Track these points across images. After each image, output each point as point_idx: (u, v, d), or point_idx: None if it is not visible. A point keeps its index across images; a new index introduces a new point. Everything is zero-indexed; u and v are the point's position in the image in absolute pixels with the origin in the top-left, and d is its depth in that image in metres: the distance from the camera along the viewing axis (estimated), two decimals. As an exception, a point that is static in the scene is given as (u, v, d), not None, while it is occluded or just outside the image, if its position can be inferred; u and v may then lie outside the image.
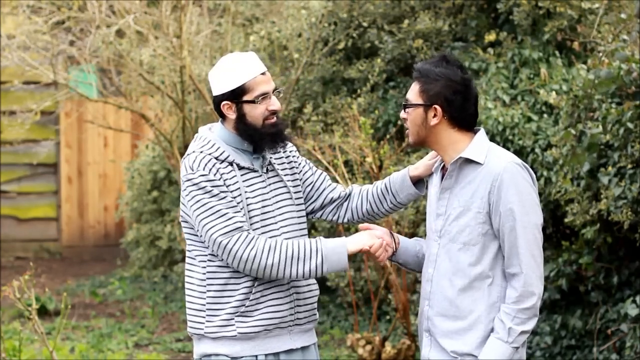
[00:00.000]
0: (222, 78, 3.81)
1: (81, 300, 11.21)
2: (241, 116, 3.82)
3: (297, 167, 4.02)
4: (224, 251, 3.71)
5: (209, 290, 3.81)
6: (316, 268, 3.72)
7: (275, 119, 3.84)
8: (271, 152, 3.92)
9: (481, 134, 3.71)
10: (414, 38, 8.41)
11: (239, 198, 3.77)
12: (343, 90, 8.81)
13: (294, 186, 3.98)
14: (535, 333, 6.96)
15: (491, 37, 7.96)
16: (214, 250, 3.75)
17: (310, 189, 4.05)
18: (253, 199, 3.81)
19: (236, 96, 3.81)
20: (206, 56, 9.53)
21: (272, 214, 3.85)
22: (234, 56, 3.86)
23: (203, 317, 3.82)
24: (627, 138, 5.93)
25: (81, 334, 9.36)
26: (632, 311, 6.04)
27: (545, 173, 6.71)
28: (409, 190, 3.97)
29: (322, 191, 4.06)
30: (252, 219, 3.79)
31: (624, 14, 6.93)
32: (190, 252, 3.89)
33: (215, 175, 3.75)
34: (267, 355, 3.82)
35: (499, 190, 3.58)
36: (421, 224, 7.36)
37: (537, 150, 6.98)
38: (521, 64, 7.80)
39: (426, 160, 3.94)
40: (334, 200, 4.07)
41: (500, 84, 7.62)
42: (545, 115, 7.39)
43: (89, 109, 11.71)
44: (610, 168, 6.05)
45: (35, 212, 14.67)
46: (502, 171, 3.59)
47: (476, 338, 3.63)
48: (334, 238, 3.79)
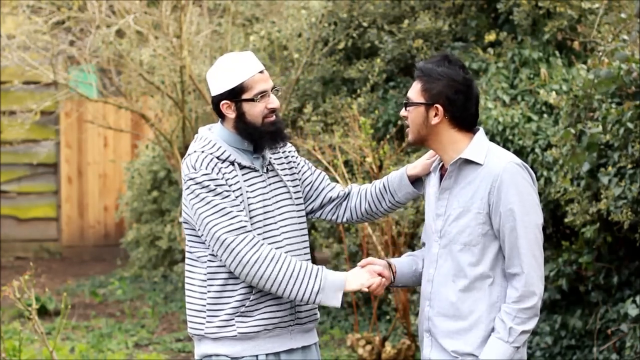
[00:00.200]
0: (221, 78, 3.81)
1: (81, 300, 11.21)
2: (241, 115, 3.82)
3: (296, 167, 4.02)
4: (226, 250, 3.70)
5: (210, 290, 3.80)
6: (310, 295, 3.71)
7: (274, 117, 3.85)
8: (271, 151, 3.92)
9: (480, 134, 3.71)
10: (414, 38, 8.41)
11: (241, 197, 3.77)
12: (343, 90, 8.81)
13: (294, 186, 3.98)
14: (535, 333, 6.95)
15: (491, 37, 7.96)
16: (215, 249, 3.74)
17: (309, 189, 4.05)
18: (254, 199, 3.81)
19: (235, 95, 3.81)
20: (206, 56, 9.52)
21: (273, 214, 3.85)
22: (232, 56, 3.86)
23: (203, 318, 3.82)
24: (627, 138, 5.93)
25: (81, 334, 9.36)
26: (632, 311, 6.04)
27: (545, 173, 6.71)
28: (407, 189, 3.97)
29: (321, 191, 4.06)
30: (253, 219, 3.79)
31: (624, 14, 6.93)
32: (191, 253, 3.88)
33: (217, 174, 3.75)
34: (268, 355, 3.82)
35: (499, 190, 3.58)
36: (421, 224, 7.35)
37: (537, 150, 6.98)
38: (521, 64, 7.79)
39: (424, 159, 3.94)
40: (333, 199, 4.07)
41: (500, 84, 7.61)
42: (545, 115, 7.39)
43: (89, 109, 11.71)
44: (610, 168, 6.05)
45: (35, 212, 14.67)
46: (502, 171, 3.59)
47: (477, 338, 3.63)
48: (335, 272, 3.78)
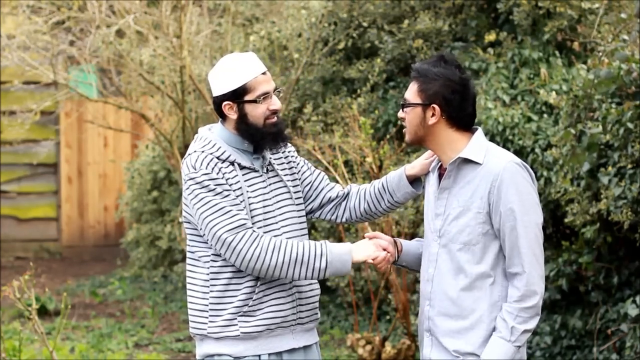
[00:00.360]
0: (223, 78, 3.81)
1: (81, 300, 11.21)
2: (242, 116, 3.82)
3: (296, 167, 4.03)
4: (228, 249, 3.71)
5: (212, 290, 3.80)
6: (319, 272, 3.73)
7: (276, 119, 3.85)
8: (272, 152, 3.93)
9: (479, 134, 3.71)
10: (414, 38, 8.41)
11: (241, 197, 3.78)
12: (343, 90, 8.81)
13: (294, 186, 3.98)
14: (535, 333, 6.96)
15: (491, 37, 7.96)
16: (218, 248, 3.74)
17: (308, 189, 4.05)
18: (254, 199, 3.81)
19: (237, 96, 3.81)
20: (206, 56, 9.53)
21: (273, 214, 3.86)
22: (234, 56, 3.86)
23: (206, 318, 3.82)
24: (627, 138, 5.93)
25: (81, 334, 9.36)
26: (632, 311, 6.04)
27: (545, 173, 6.71)
28: (406, 189, 3.97)
29: (321, 191, 4.06)
30: (254, 219, 3.79)
31: (624, 14, 6.93)
32: (193, 253, 3.88)
33: (217, 174, 3.75)
34: (270, 354, 3.82)
35: (499, 190, 3.58)
36: (421, 224, 7.35)
37: (537, 150, 6.98)
38: (521, 64, 7.80)
39: (422, 159, 3.94)
40: (332, 199, 4.07)
41: (500, 84, 7.62)
42: (545, 115, 7.39)
43: (89, 109, 11.71)
44: (610, 168, 6.05)
45: (35, 212, 14.67)
46: (502, 171, 3.59)
47: (478, 337, 3.63)
48: (339, 243, 3.79)
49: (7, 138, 13.85)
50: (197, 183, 3.75)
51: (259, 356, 3.80)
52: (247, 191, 3.80)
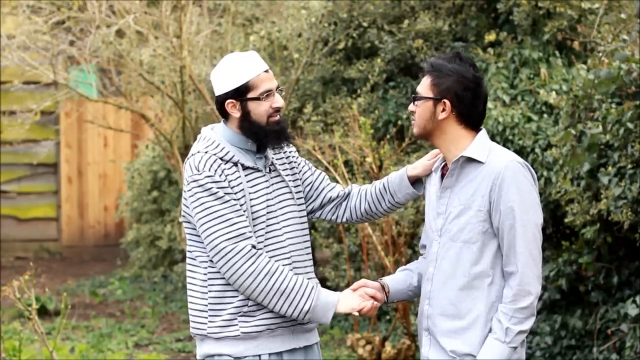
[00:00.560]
0: (226, 77, 3.81)
1: (81, 300, 11.21)
2: (246, 114, 3.82)
3: (297, 167, 4.03)
4: (223, 258, 3.70)
5: (211, 290, 3.80)
6: (299, 314, 3.75)
7: (278, 117, 3.85)
8: (274, 151, 3.93)
9: (483, 134, 3.72)
10: (414, 38, 8.41)
11: (243, 199, 3.77)
12: (343, 90, 8.81)
13: (295, 186, 3.98)
14: (535, 333, 6.96)
15: (491, 37, 7.96)
16: (212, 255, 3.74)
17: (309, 189, 4.05)
18: (257, 199, 3.81)
19: (240, 94, 3.81)
20: (206, 56, 9.52)
21: (275, 214, 3.85)
22: (236, 55, 3.86)
23: (205, 318, 3.82)
24: (627, 138, 5.93)
25: (81, 334, 9.36)
26: (632, 311, 6.04)
27: (545, 173, 6.71)
28: (407, 189, 3.97)
29: (321, 191, 4.06)
30: (256, 220, 3.79)
31: (624, 14, 6.93)
32: (191, 253, 3.88)
33: (220, 176, 3.74)
34: (271, 354, 3.82)
35: (500, 188, 3.59)
36: (421, 224, 7.35)
37: (537, 150, 6.98)
38: (521, 64, 7.80)
39: (425, 160, 3.94)
40: (333, 199, 4.07)
41: (500, 84, 7.62)
42: (545, 115, 7.40)
43: (89, 109, 11.71)
44: (610, 168, 6.05)
45: (35, 212, 14.67)
46: (504, 169, 3.60)
47: (475, 337, 3.63)
48: (328, 292, 3.80)
49: (7, 138, 13.85)
50: (200, 186, 3.74)
51: (259, 356, 3.80)
52: (250, 192, 3.80)
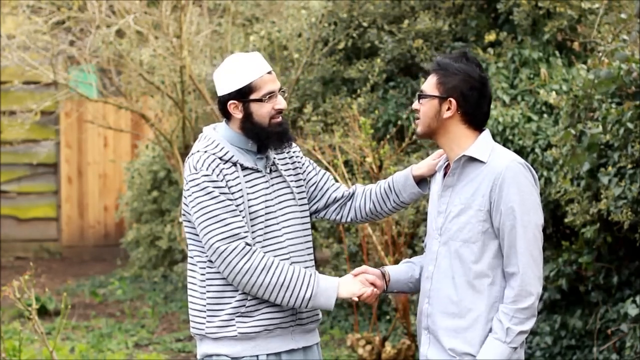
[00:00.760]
0: (229, 78, 3.82)
1: (81, 300, 11.21)
2: (248, 115, 3.82)
3: (301, 168, 4.02)
4: (219, 257, 3.72)
5: (209, 290, 3.81)
6: (302, 302, 3.75)
7: (280, 118, 3.85)
8: (276, 152, 3.93)
9: (486, 134, 3.73)
10: (414, 38, 8.41)
11: (241, 200, 3.77)
12: (343, 90, 8.81)
13: (297, 186, 3.98)
14: (535, 333, 6.96)
15: (491, 37, 7.96)
16: (210, 254, 3.75)
17: (313, 189, 4.05)
18: (255, 200, 3.81)
19: (243, 95, 3.81)
20: (206, 56, 9.52)
21: (275, 215, 3.85)
22: (239, 56, 3.86)
23: (204, 318, 3.82)
24: (627, 138, 5.93)
25: (81, 334, 9.36)
26: (632, 311, 6.04)
27: (545, 173, 6.71)
28: (412, 189, 3.98)
29: (326, 191, 4.06)
30: (255, 220, 3.79)
31: (624, 14, 6.93)
32: (191, 252, 3.89)
33: (218, 176, 3.75)
34: (269, 355, 3.82)
35: (501, 188, 3.59)
36: (421, 224, 7.36)
37: (537, 150, 6.98)
38: (521, 64, 7.80)
39: (429, 160, 3.95)
40: (338, 199, 4.07)
41: (500, 84, 7.62)
42: (545, 115, 7.40)
43: (89, 109, 11.71)
44: (610, 168, 6.05)
45: (35, 212, 14.67)
46: (505, 169, 3.60)
47: (475, 337, 3.62)
48: (328, 277, 3.80)
49: (7, 138, 13.85)
50: (197, 185, 3.75)
51: (257, 357, 3.80)
52: (248, 193, 3.80)
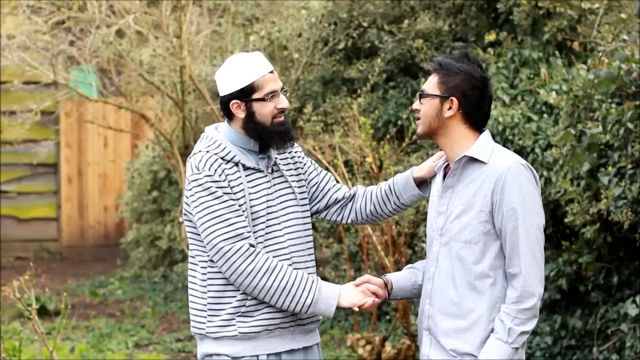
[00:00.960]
0: (231, 77, 3.82)
1: (81, 300, 11.21)
2: (250, 114, 3.82)
3: (302, 168, 4.03)
4: (222, 258, 3.72)
5: (210, 290, 3.81)
6: (302, 307, 3.75)
7: (283, 118, 3.85)
8: (278, 152, 3.93)
9: (486, 134, 3.72)
10: (414, 38, 8.41)
11: (243, 200, 3.77)
12: (343, 90, 8.81)
13: (299, 187, 3.98)
14: (535, 333, 6.95)
15: (491, 37, 7.96)
16: (212, 255, 3.75)
17: (315, 190, 4.05)
18: (257, 200, 3.81)
19: (245, 94, 3.81)
20: (206, 56, 9.53)
21: (276, 215, 3.85)
22: (241, 56, 3.86)
23: (204, 317, 3.83)
24: (627, 138, 5.93)
25: (81, 334, 9.36)
26: (632, 311, 6.04)
27: (545, 173, 6.71)
28: (413, 191, 3.98)
29: (327, 192, 4.07)
30: (256, 220, 3.79)
31: (624, 14, 6.93)
32: (191, 252, 3.90)
33: (220, 176, 3.75)
34: (269, 355, 3.82)
35: (502, 189, 3.58)
36: (421, 224, 7.36)
37: (537, 150, 6.98)
38: (521, 64, 7.80)
39: (430, 161, 3.95)
40: (339, 200, 4.08)
41: (500, 84, 7.62)
42: (545, 115, 7.40)
43: (89, 109, 11.72)
44: (610, 168, 6.05)
45: (35, 212, 14.67)
46: (506, 170, 3.59)
47: (476, 338, 3.62)
48: (330, 284, 3.80)
49: (7, 138, 13.85)
50: (199, 185, 3.75)
51: (257, 356, 3.80)
52: (250, 192, 3.80)
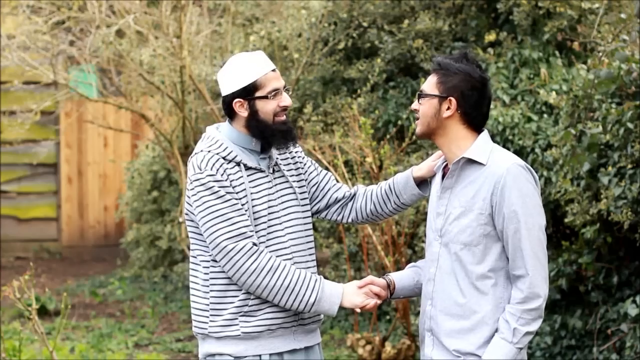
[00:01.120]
0: (234, 76, 3.82)
1: (81, 300, 11.21)
2: (253, 113, 3.83)
3: (303, 168, 4.03)
4: (225, 257, 3.72)
5: (212, 290, 3.81)
6: (305, 306, 3.76)
7: (285, 117, 3.86)
8: (280, 151, 3.93)
9: (485, 135, 3.72)
10: (414, 38, 8.41)
11: (245, 199, 3.78)
12: (343, 90, 8.81)
13: (300, 186, 3.98)
14: (535, 333, 6.94)
15: (491, 37, 7.96)
16: (215, 254, 3.75)
17: (315, 189, 4.06)
18: (259, 200, 3.82)
19: (248, 93, 3.82)
20: (206, 56, 9.53)
21: (278, 214, 3.86)
22: (243, 55, 3.87)
23: (207, 317, 3.83)
24: (627, 138, 5.93)
25: (81, 334, 9.36)
26: (632, 311, 6.04)
27: (545, 173, 6.71)
28: (412, 191, 3.98)
29: (327, 191, 4.07)
30: (258, 220, 3.80)
31: (624, 14, 6.93)
32: (193, 252, 3.90)
33: (222, 175, 3.76)
34: (271, 354, 3.82)
35: (502, 192, 3.58)
36: (421, 224, 7.36)
37: (537, 150, 6.98)
38: (521, 64, 7.80)
39: (430, 161, 3.95)
40: (339, 200, 4.08)
41: (500, 84, 7.62)
42: (545, 115, 7.40)
43: (89, 109, 11.71)
44: (610, 168, 6.05)
45: (35, 212, 14.67)
46: (506, 173, 3.59)
47: (480, 338, 3.63)
48: (333, 284, 3.81)
49: (7, 138, 13.84)
50: (202, 185, 3.75)
51: (260, 356, 3.81)
52: (252, 192, 3.81)
